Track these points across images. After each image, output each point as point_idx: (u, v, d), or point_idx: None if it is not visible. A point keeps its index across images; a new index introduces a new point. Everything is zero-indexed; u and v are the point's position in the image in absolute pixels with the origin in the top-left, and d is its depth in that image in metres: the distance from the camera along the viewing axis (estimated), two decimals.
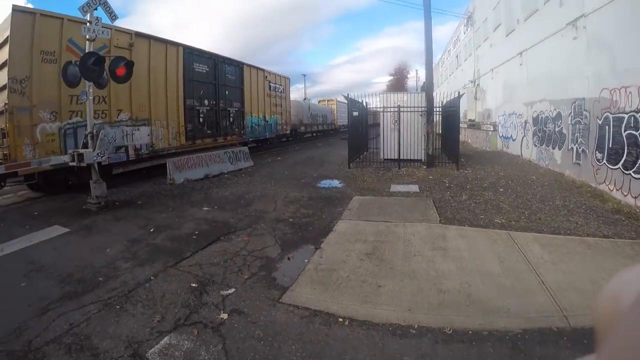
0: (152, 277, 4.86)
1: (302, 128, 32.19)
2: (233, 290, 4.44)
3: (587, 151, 10.10)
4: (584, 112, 10.21)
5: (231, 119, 17.76)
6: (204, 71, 15.72)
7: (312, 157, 18.63)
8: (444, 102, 14.58)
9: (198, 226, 7.08)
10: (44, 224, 7.64)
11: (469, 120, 24.74)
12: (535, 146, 14.04)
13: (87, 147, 8.68)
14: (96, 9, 8.62)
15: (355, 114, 14.39)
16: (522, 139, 15.60)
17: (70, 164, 8.68)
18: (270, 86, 22.21)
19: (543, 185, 10.02)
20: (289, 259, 5.39)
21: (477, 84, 23.89)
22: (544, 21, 13.12)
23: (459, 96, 12.78)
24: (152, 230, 6.96)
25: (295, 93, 40.81)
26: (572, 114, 10.95)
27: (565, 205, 7.94)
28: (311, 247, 5.76)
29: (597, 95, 9.50)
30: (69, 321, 3.83)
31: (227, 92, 17.32)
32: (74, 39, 10.11)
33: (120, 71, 8.97)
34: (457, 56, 32.60)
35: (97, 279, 4.87)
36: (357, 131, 15.15)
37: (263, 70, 21.47)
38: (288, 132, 26.16)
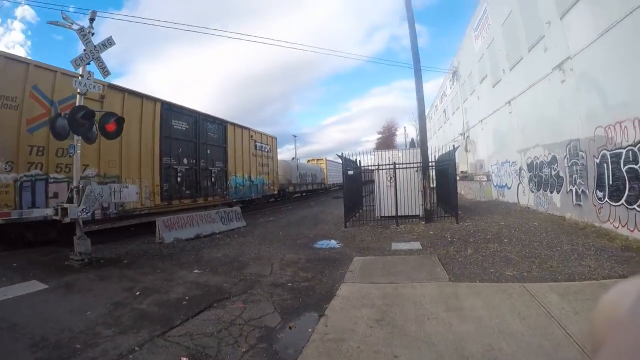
0: (136, 348, 4.36)
1: (291, 188, 31.74)
2: None
3: (587, 191, 10.02)
4: (580, 153, 10.23)
5: (213, 179, 17.07)
6: (184, 128, 15.24)
7: (305, 216, 18.27)
8: (436, 156, 14.63)
9: (188, 291, 6.59)
10: (21, 277, 7.28)
11: (461, 172, 24.88)
12: (532, 192, 13.96)
13: (71, 202, 8.37)
14: (89, 63, 8.59)
15: (351, 172, 14.30)
16: (518, 186, 15.57)
17: (53, 217, 8.43)
18: (256, 145, 21.84)
19: (547, 230, 9.78)
20: (290, 328, 4.89)
21: (467, 136, 24.31)
22: (530, 68, 13.55)
23: (454, 149, 12.81)
24: (137, 293, 6.49)
25: (286, 153, 40.81)
26: (568, 156, 10.99)
27: (574, 249, 7.70)
28: (314, 315, 5.27)
29: (591, 134, 9.58)
30: None
31: (208, 151, 16.77)
32: (39, 86, 9.80)
33: (111, 127, 8.85)
34: (444, 111, 33.53)
35: (74, 345, 4.40)
36: (352, 190, 14.95)
37: (248, 129, 21.16)
38: (275, 192, 25.73)
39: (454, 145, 13.30)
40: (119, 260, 9.00)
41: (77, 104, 8.50)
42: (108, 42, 8.89)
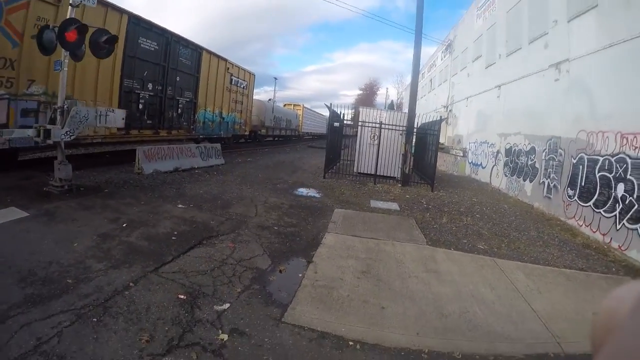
0: (131, 284, 4.21)
1: (263, 130, 29.66)
2: (228, 305, 3.95)
3: (559, 187, 10.40)
4: (559, 150, 10.53)
5: (179, 110, 15.18)
6: (152, 49, 13.20)
7: (282, 161, 18.21)
8: (418, 123, 14.74)
9: (176, 226, 6.42)
10: None
11: (439, 143, 25.20)
12: (506, 176, 14.38)
13: (54, 123, 7.82)
14: None
15: (337, 125, 14.26)
16: (493, 167, 15.97)
17: (34, 139, 7.78)
18: (231, 80, 19.71)
19: (516, 214, 10.24)
20: (280, 271, 4.98)
21: (450, 110, 24.40)
22: (527, 59, 13.56)
23: (441, 120, 12.93)
24: (124, 225, 6.21)
25: (263, 95, 38.02)
26: (547, 150, 11.28)
27: (539, 237, 8.18)
28: (302, 261, 5.41)
29: (574, 135, 9.85)
30: (36, 335, 3.11)
31: (178, 78, 14.81)
32: None
33: (102, 45, 8.24)
34: (431, 80, 33.43)
35: (65, 280, 4.13)
36: (334, 142, 14.99)
37: (225, 60, 18.89)
38: (247, 133, 23.62)
39: (440, 117, 13.38)
40: (100, 189, 8.61)
41: (68, 17, 7.73)
42: None
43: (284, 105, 44.01)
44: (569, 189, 9.88)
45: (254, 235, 6.28)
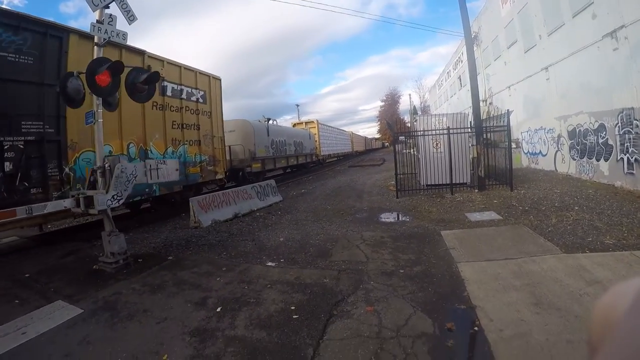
0: None
1: (256, 165, 19.35)
2: None
3: None
4: (635, 122, 10.19)
5: (10, 165, 7.44)
6: None
7: (339, 187, 17.20)
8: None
9: (286, 296, 5.07)
10: (41, 297, 5.43)
11: (484, 139, 24.72)
12: (574, 159, 13.97)
13: (94, 188, 6.69)
14: (107, 6, 6.61)
15: (402, 138, 13.91)
16: (556, 153, 15.56)
17: (74, 210, 6.63)
18: (165, 88, 11.52)
19: (607, 198, 9.82)
20: (450, 330, 4.04)
21: (490, 103, 23.93)
22: (574, 34, 13.21)
23: (508, 112, 12.47)
24: (219, 309, 4.77)
25: (283, 125, 31.18)
26: (620, 124, 10.92)
27: None
28: (461, 307, 4.53)
29: None
30: None
31: None
32: None
33: (141, 86, 7.17)
34: (459, 77, 32.70)
35: None
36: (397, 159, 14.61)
37: (143, 52, 10.83)
38: (222, 175, 14.81)
39: (507, 110, 12.91)
40: (161, 257, 7.36)
41: (94, 56, 6.60)
42: None
43: (293, 124, 35.65)
44: None
45: (386, 288, 5.20)
